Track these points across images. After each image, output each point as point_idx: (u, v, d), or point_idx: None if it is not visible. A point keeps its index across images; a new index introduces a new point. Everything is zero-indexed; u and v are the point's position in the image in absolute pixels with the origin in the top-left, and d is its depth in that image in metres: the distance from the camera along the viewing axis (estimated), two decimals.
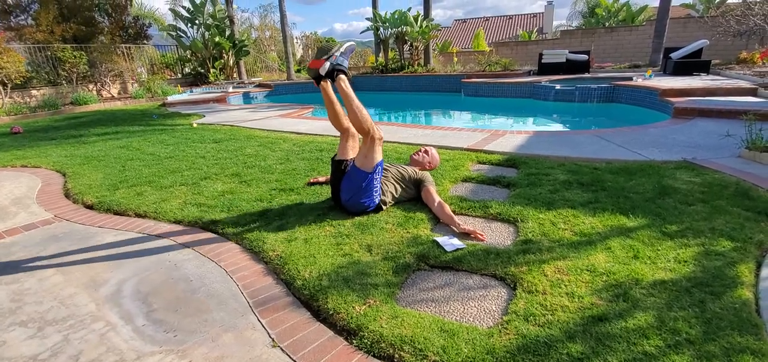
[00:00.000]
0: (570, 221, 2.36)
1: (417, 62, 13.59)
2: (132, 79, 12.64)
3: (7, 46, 9.60)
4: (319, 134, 5.31)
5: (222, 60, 14.54)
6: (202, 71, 14.41)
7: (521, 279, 1.81)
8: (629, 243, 2.07)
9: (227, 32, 14.42)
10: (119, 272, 2.12)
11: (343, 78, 2.57)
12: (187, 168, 3.91)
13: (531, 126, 7.41)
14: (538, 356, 1.38)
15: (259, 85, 13.08)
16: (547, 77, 10.10)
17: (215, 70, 14.19)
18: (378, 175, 2.57)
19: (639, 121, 5.85)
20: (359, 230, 2.38)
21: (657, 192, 2.74)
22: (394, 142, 4.65)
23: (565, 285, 1.75)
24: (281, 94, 12.53)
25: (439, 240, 2.20)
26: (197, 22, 13.80)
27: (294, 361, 1.47)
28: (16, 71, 9.11)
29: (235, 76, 15.09)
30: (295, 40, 23.90)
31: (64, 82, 10.77)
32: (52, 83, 10.70)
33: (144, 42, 14.33)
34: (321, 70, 2.51)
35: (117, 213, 2.94)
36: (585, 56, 10.92)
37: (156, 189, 3.32)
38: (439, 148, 4.21)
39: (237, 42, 14.55)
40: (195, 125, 6.48)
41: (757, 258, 1.92)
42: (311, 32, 24.12)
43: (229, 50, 14.48)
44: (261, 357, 1.49)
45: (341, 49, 2.58)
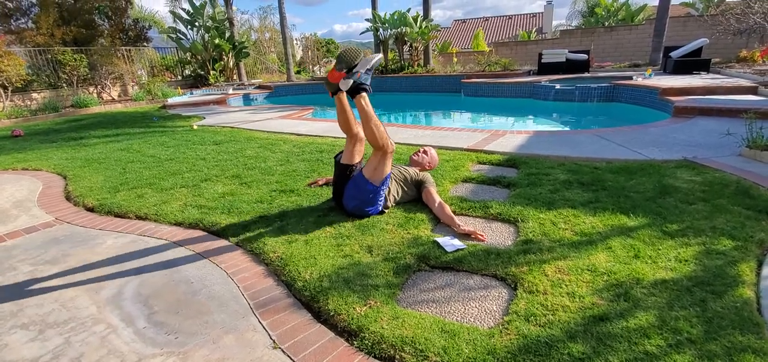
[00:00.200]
0: (570, 221, 2.36)
1: (417, 63, 13.60)
2: (132, 82, 12.67)
3: (8, 49, 9.63)
4: (319, 135, 5.32)
5: (222, 62, 14.56)
6: (202, 73, 14.43)
7: (522, 280, 1.81)
8: (630, 243, 2.07)
9: (227, 34, 14.45)
10: (120, 274, 2.12)
11: (365, 96, 2.35)
12: (188, 170, 3.91)
13: (531, 126, 7.41)
14: (539, 356, 1.38)
15: (259, 87, 13.10)
16: (547, 77, 10.11)
17: (215, 71, 14.21)
18: (385, 187, 2.54)
19: (639, 120, 5.85)
20: (360, 231, 2.38)
21: (657, 191, 2.73)
22: (394, 142, 4.64)
23: (566, 285, 1.75)
24: (281, 95, 12.54)
25: (440, 240, 2.20)
26: (197, 24, 13.82)
27: None
28: (16, 74, 9.13)
29: (235, 77, 15.11)
30: (295, 41, 23.91)
31: (64, 84, 10.78)
32: (52, 86, 10.72)
33: (144, 44, 14.35)
34: (341, 85, 2.28)
35: (118, 216, 2.94)
36: (585, 56, 10.92)
37: (157, 192, 3.33)
38: (440, 148, 4.21)
39: (237, 44, 14.57)
40: (195, 127, 6.49)
41: (758, 256, 1.92)
42: (311, 33, 24.12)
43: (229, 52, 14.50)
44: (262, 359, 1.49)
45: (368, 66, 2.32)
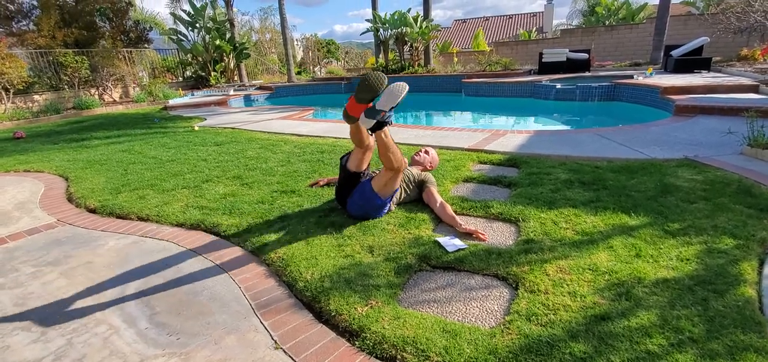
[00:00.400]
0: (572, 220, 2.35)
1: (417, 63, 13.60)
2: (133, 83, 12.69)
3: (9, 51, 9.65)
4: (320, 136, 5.32)
5: (223, 63, 14.57)
6: (203, 74, 14.45)
7: (523, 279, 1.81)
8: (631, 242, 2.06)
9: (228, 35, 14.46)
10: (122, 275, 2.13)
11: (387, 130, 2.22)
12: (189, 171, 3.92)
13: (532, 125, 7.40)
14: (540, 356, 1.38)
15: (260, 88, 13.11)
16: (548, 76, 10.10)
17: (216, 73, 14.23)
18: (391, 199, 2.55)
19: (640, 119, 5.84)
20: (361, 231, 2.38)
21: (659, 190, 2.73)
22: (395, 142, 4.64)
23: (568, 285, 1.75)
24: (282, 96, 12.55)
25: (441, 240, 2.20)
26: (198, 25, 13.84)
27: None
28: (18, 76, 9.15)
29: (236, 78, 15.12)
30: (296, 42, 23.94)
31: (66, 86, 10.81)
32: (54, 88, 10.75)
33: (145, 46, 14.38)
34: (363, 122, 2.09)
35: (119, 217, 2.95)
36: (585, 55, 10.91)
37: (158, 193, 3.33)
38: (440, 148, 4.21)
39: (237, 45, 14.58)
40: (196, 128, 6.49)
41: (760, 255, 1.91)
42: (311, 34, 24.15)
43: (230, 53, 14.52)
44: (264, 360, 1.49)
45: (395, 102, 2.09)
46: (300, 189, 3.17)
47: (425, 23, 12.88)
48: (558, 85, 8.59)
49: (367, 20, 13.75)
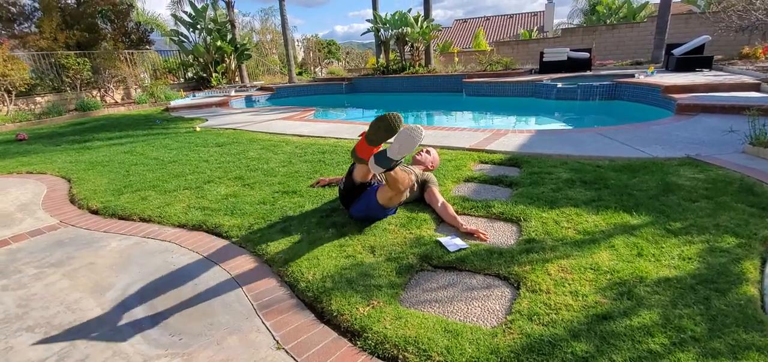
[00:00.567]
0: (573, 219, 2.35)
1: (418, 63, 13.60)
2: (135, 85, 12.72)
3: (12, 54, 9.69)
4: (322, 136, 5.33)
5: (224, 64, 14.60)
6: (204, 75, 14.48)
7: (525, 279, 1.81)
8: (633, 241, 2.06)
9: (229, 36, 14.49)
10: (124, 276, 2.13)
11: (398, 169, 2.12)
12: (191, 172, 3.93)
13: (533, 125, 7.39)
14: (542, 355, 1.38)
15: (261, 89, 13.13)
16: (549, 76, 10.08)
17: (217, 74, 14.26)
18: (395, 209, 2.57)
19: (641, 118, 5.83)
20: (362, 232, 2.38)
21: (660, 189, 2.73)
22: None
23: (569, 284, 1.75)
24: (283, 96, 12.57)
25: (442, 240, 2.20)
26: (199, 26, 13.87)
27: None
28: (20, 79, 9.19)
29: (237, 79, 15.15)
30: (297, 42, 23.98)
31: (68, 88, 10.85)
32: (56, 90, 10.78)
33: (146, 47, 14.41)
34: (372, 167, 1.94)
35: (121, 218, 2.96)
36: (586, 54, 10.89)
37: (160, 194, 3.34)
38: (441, 148, 4.21)
39: (238, 46, 14.61)
40: (198, 129, 6.51)
41: (762, 254, 1.91)
42: (312, 35, 24.18)
43: (231, 54, 14.55)
44: (266, 360, 1.50)
45: (412, 150, 1.95)
46: (301, 190, 3.17)
47: (426, 23, 12.88)
48: (559, 85, 8.57)
49: (368, 20, 13.77)
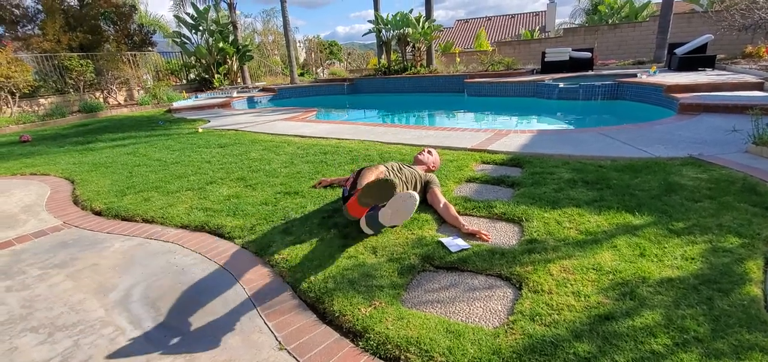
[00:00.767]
0: (575, 220, 2.35)
1: (419, 63, 13.60)
2: (138, 86, 12.78)
3: (15, 56, 9.75)
4: (323, 137, 5.34)
5: (226, 65, 14.65)
6: (206, 77, 14.53)
7: (527, 279, 1.81)
8: (635, 241, 2.06)
9: (231, 37, 14.54)
10: (127, 277, 2.14)
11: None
12: (193, 173, 3.94)
13: (535, 125, 7.38)
14: (544, 356, 1.38)
15: (263, 90, 13.16)
16: (551, 76, 10.07)
17: (219, 75, 14.30)
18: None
19: (644, 118, 5.81)
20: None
21: (663, 189, 2.72)
22: (397, 143, 4.66)
23: (571, 285, 1.75)
24: (285, 97, 12.60)
25: (444, 240, 2.20)
26: (201, 28, 13.92)
27: None
28: (24, 81, 9.25)
29: (240, 80, 15.19)
30: (298, 43, 24.03)
31: (71, 90, 10.90)
32: (59, 92, 10.84)
33: (149, 49, 14.47)
34: (361, 224, 1.94)
35: (124, 219, 2.97)
36: (588, 54, 10.87)
37: (163, 195, 3.35)
38: (443, 148, 4.21)
39: (240, 47, 14.65)
40: (200, 130, 6.53)
41: (766, 254, 1.90)
42: (314, 36, 24.23)
43: (233, 55, 14.59)
44: (268, 360, 1.50)
45: (402, 221, 1.91)
46: (303, 191, 3.18)
47: (427, 24, 12.88)
48: (561, 84, 8.56)
49: (369, 21, 13.78)
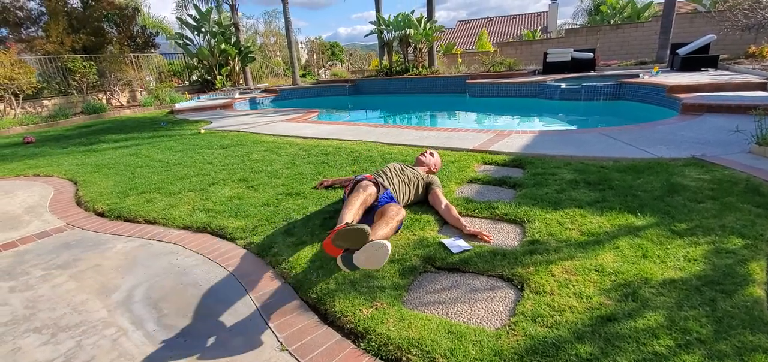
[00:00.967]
0: (577, 221, 2.34)
1: (421, 64, 13.60)
2: (140, 88, 12.82)
3: (19, 57, 9.81)
4: (325, 138, 5.34)
5: (228, 66, 14.68)
6: (208, 78, 14.56)
7: (528, 280, 1.81)
8: (638, 242, 2.05)
9: (233, 39, 14.57)
10: (130, 278, 2.15)
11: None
12: (195, 174, 3.96)
13: (537, 125, 7.37)
14: (546, 357, 1.38)
15: (265, 91, 13.18)
16: (552, 76, 10.05)
17: (222, 76, 14.34)
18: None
19: (646, 119, 5.80)
20: None
21: (665, 190, 2.71)
22: (399, 144, 4.66)
23: (573, 286, 1.74)
24: (287, 98, 12.62)
25: (446, 241, 2.20)
26: (203, 29, 13.97)
27: None
28: (27, 82, 9.29)
29: (242, 82, 15.23)
30: (300, 45, 24.08)
31: (74, 91, 10.95)
32: (62, 93, 10.89)
33: (152, 51, 14.53)
34: (337, 261, 1.87)
35: (127, 220, 2.98)
36: (590, 54, 10.85)
37: (165, 196, 3.37)
38: (445, 149, 4.21)
39: (242, 48, 14.68)
40: (202, 131, 6.55)
41: None
42: (316, 37, 24.32)
43: (235, 57, 14.63)
44: (270, 361, 1.50)
45: (375, 268, 1.85)
46: (305, 192, 3.18)
47: (429, 24, 12.88)
48: (563, 85, 8.54)
49: (371, 22, 13.80)
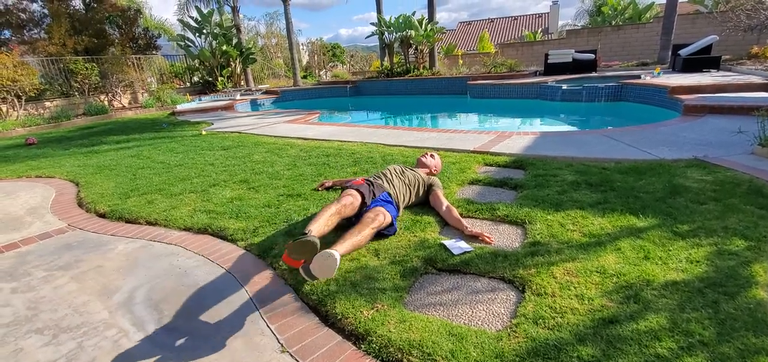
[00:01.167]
0: (579, 222, 2.34)
1: (422, 65, 13.61)
2: (142, 89, 12.86)
3: (22, 59, 9.85)
4: (326, 139, 5.35)
5: (229, 68, 14.72)
6: (210, 79, 14.60)
7: (530, 282, 1.80)
8: (640, 244, 2.04)
9: (234, 40, 14.61)
10: (131, 279, 2.15)
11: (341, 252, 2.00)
12: (197, 175, 3.96)
13: (538, 127, 7.36)
14: (547, 359, 1.37)
15: (266, 92, 13.21)
16: (554, 77, 10.04)
17: (223, 78, 14.37)
18: (397, 213, 2.47)
19: (648, 120, 5.78)
20: None
21: (667, 191, 2.70)
22: (400, 145, 4.66)
23: (575, 287, 1.74)
24: (288, 100, 12.64)
25: (447, 243, 2.19)
26: (205, 31, 14.01)
27: None
28: (30, 84, 9.33)
29: (243, 83, 15.26)
30: (301, 46, 24.10)
31: (76, 93, 11.00)
32: (64, 95, 10.94)
33: (153, 52, 14.58)
34: (301, 272, 1.86)
35: (128, 222, 2.98)
36: (592, 55, 10.84)
37: (166, 197, 3.37)
38: (446, 150, 4.21)
39: (244, 50, 14.72)
40: (204, 133, 6.56)
41: None
42: (317, 38, 24.33)
43: (237, 58, 14.66)
44: None
45: (326, 277, 1.82)
46: (306, 193, 3.18)
47: (430, 26, 12.89)
48: (564, 86, 8.53)
49: (372, 24, 13.82)
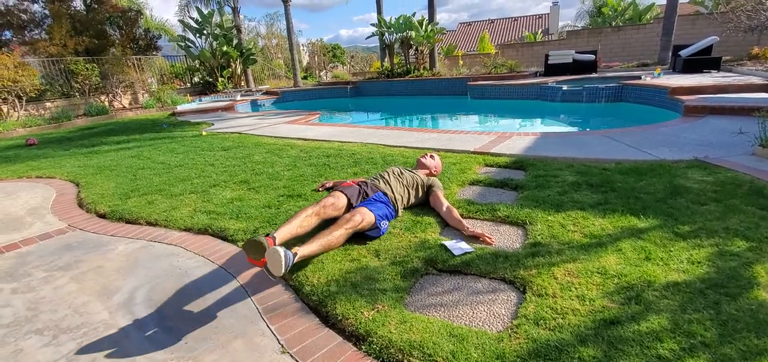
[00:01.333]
0: (579, 223, 2.33)
1: (422, 66, 13.62)
2: (142, 90, 12.87)
3: (22, 60, 9.86)
4: (326, 140, 5.34)
5: (230, 69, 14.73)
6: (210, 80, 14.62)
7: (531, 283, 1.80)
8: (641, 245, 2.04)
9: (235, 41, 14.62)
10: (131, 280, 2.15)
11: (307, 253, 2.03)
12: (197, 176, 3.96)
13: (538, 127, 7.36)
14: (549, 361, 1.37)
15: (267, 93, 13.22)
16: (554, 78, 10.04)
17: (223, 78, 14.38)
18: (384, 225, 2.39)
19: (649, 121, 5.78)
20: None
21: (668, 192, 2.69)
22: (400, 146, 4.66)
23: (576, 288, 1.73)
24: (288, 100, 12.65)
25: (447, 244, 2.19)
26: (205, 32, 14.03)
27: None
28: (30, 85, 9.34)
29: (243, 84, 15.27)
30: (302, 47, 24.11)
31: (77, 93, 11.01)
32: (65, 95, 10.95)
33: (154, 53, 14.59)
34: (264, 270, 1.86)
35: (129, 222, 2.98)
36: (592, 56, 10.84)
37: (166, 198, 3.37)
38: (446, 151, 4.20)
39: (244, 50, 14.73)
40: (204, 133, 6.56)
41: None
42: (317, 39, 24.34)
43: (237, 59, 14.67)
44: None
45: (279, 274, 1.79)
46: (306, 193, 3.18)
47: (430, 27, 12.90)
48: (564, 87, 8.53)
49: (372, 24, 13.84)
